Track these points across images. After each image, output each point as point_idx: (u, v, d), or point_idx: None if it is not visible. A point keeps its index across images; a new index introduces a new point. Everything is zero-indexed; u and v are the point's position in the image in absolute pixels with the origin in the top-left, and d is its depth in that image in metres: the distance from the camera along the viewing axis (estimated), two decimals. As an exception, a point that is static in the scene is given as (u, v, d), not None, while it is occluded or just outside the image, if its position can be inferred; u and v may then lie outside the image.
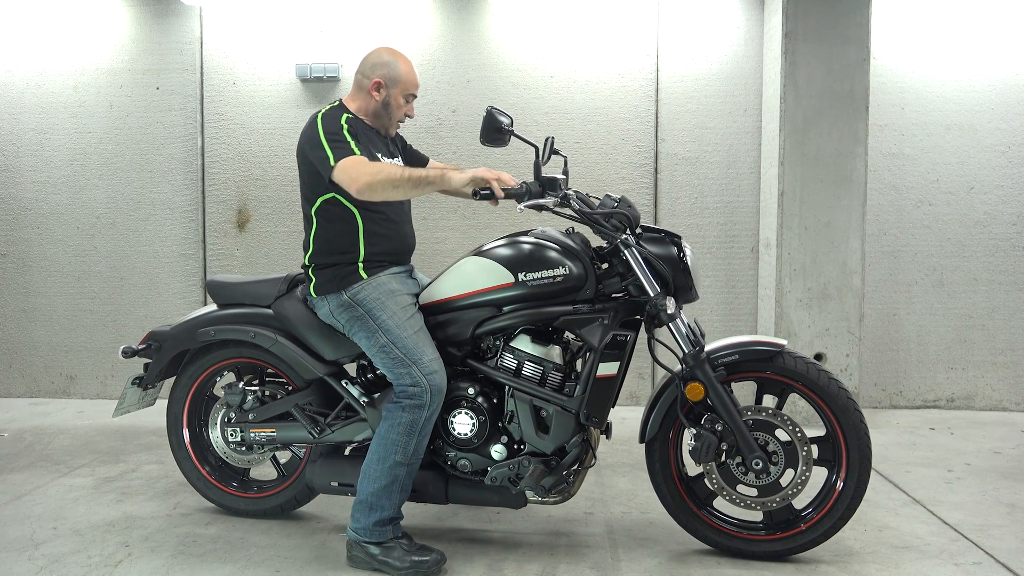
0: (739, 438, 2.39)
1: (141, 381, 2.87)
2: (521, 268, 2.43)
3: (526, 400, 2.43)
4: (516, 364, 2.46)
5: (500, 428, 2.50)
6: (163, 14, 4.67)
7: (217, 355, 2.81)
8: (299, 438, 2.71)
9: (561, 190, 2.44)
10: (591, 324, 2.41)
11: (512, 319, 2.46)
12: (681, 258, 2.43)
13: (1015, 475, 3.37)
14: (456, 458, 2.52)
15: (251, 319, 2.72)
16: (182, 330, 2.80)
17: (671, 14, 4.53)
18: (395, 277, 2.55)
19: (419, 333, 2.45)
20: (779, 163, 4.13)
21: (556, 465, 2.44)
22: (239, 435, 2.77)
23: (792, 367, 2.41)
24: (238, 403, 2.77)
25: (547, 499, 2.48)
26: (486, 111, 2.42)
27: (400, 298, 2.50)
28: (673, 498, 2.53)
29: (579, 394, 2.40)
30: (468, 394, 2.49)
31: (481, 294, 2.47)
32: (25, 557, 2.52)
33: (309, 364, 2.62)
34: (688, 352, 2.40)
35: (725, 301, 4.59)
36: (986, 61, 4.49)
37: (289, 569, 2.45)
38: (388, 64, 2.62)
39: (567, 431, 2.42)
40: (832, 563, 2.47)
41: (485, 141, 2.43)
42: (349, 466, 2.61)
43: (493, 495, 2.52)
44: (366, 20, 4.61)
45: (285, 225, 4.69)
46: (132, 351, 2.80)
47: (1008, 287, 4.55)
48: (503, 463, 2.47)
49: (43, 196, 4.79)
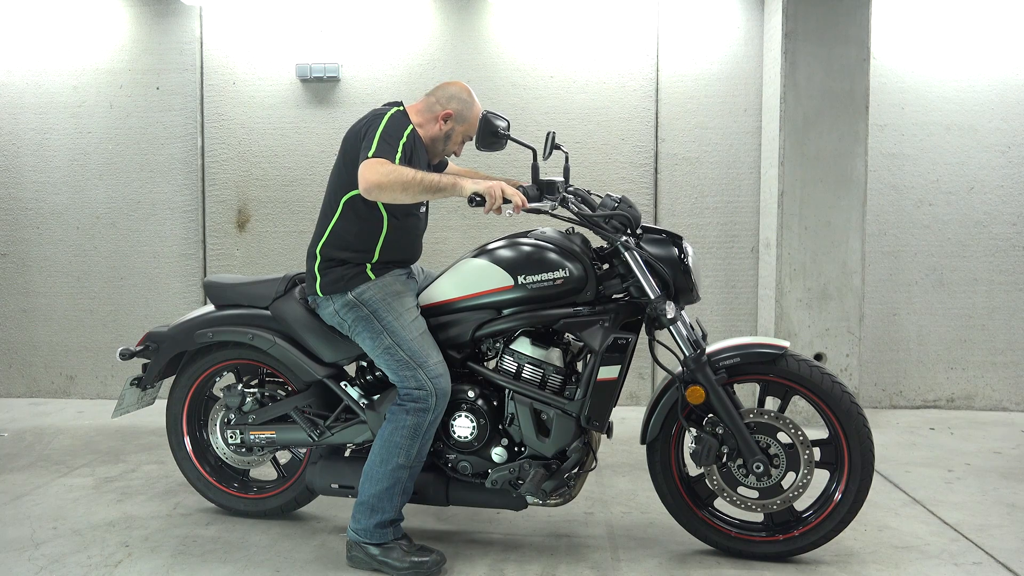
0: (740, 441, 2.38)
1: (139, 382, 2.87)
2: (521, 271, 2.42)
3: (526, 403, 2.42)
4: (516, 367, 2.45)
5: (500, 431, 2.49)
6: (163, 14, 4.67)
7: (216, 356, 2.81)
8: (299, 440, 2.70)
9: (559, 193, 2.43)
10: (592, 327, 2.40)
11: (512, 322, 2.46)
12: (682, 259, 2.42)
13: (1015, 475, 3.37)
14: (456, 460, 2.52)
15: (249, 320, 2.70)
16: (180, 331, 2.78)
17: (671, 14, 4.53)
18: (399, 279, 2.54)
19: (424, 336, 2.44)
20: (779, 163, 4.13)
21: (557, 469, 2.43)
22: (239, 437, 2.76)
23: (795, 370, 2.40)
24: (237, 405, 2.76)
25: (548, 502, 2.47)
26: (481, 116, 2.40)
27: (405, 299, 2.49)
28: (674, 498, 2.53)
29: (580, 397, 2.39)
30: (468, 397, 2.48)
31: (481, 296, 2.46)
32: (25, 557, 2.52)
33: (308, 366, 2.61)
34: (689, 355, 2.39)
35: (725, 301, 4.59)
36: (986, 61, 4.49)
37: (289, 569, 2.45)
38: (464, 103, 2.57)
39: (568, 434, 2.41)
40: (832, 563, 2.47)
41: (481, 146, 2.41)
42: (349, 468, 2.60)
43: (494, 497, 2.51)
44: (366, 20, 4.61)
45: (285, 225, 4.69)
46: (130, 353, 2.79)
47: (1008, 287, 4.55)
48: (504, 466, 2.46)
49: (43, 196, 4.79)
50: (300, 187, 4.65)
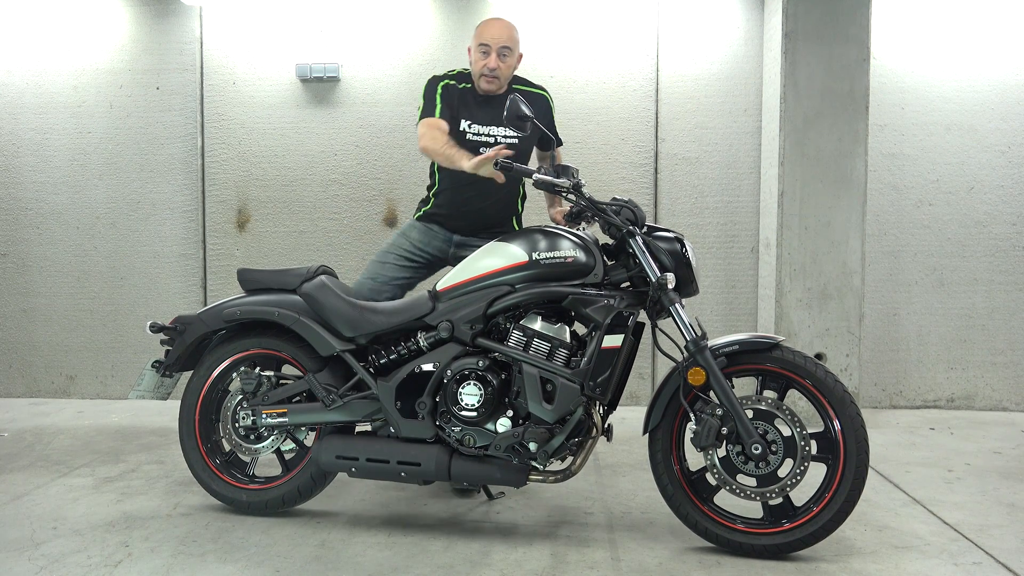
0: (738, 423, 2.44)
1: (160, 365, 2.93)
2: (535, 248, 2.57)
3: (533, 373, 2.51)
4: (525, 340, 2.55)
5: (507, 404, 2.58)
6: (163, 14, 4.67)
7: (237, 345, 2.88)
8: (310, 418, 2.77)
9: (574, 178, 2.59)
10: (598, 304, 2.51)
11: (523, 296, 2.57)
12: (683, 253, 2.54)
13: (1015, 475, 3.37)
14: (462, 433, 2.59)
15: (276, 303, 2.82)
16: (208, 314, 2.88)
17: (671, 14, 4.53)
18: (417, 227, 3.16)
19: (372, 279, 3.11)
20: (779, 163, 4.13)
21: (559, 431, 2.52)
22: (250, 418, 2.81)
23: (791, 360, 2.48)
24: (252, 389, 2.84)
25: (549, 472, 2.57)
26: (510, 98, 2.61)
27: (388, 254, 3.15)
28: (675, 489, 2.55)
29: (584, 366, 2.48)
30: (477, 366, 2.56)
31: (496, 274, 2.60)
32: (25, 557, 2.52)
33: (328, 339, 2.71)
34: (690, 339, 2.48)
35: (725, 301, 4.59)
36: (986, 61, 4.49)
37: (289, 569, 2.45)
38: (475, 28, 3.05)
39: (571, 401, 2.49)
40: (832, 562, 2.47)
41: (508, 125, 2.64)
42: (357, 442, 2.71)
43: (495, 471, 2.58)
44: (366, 20, 4.61)
45: (285, 225, 4.69)
46: (159, 326, 2.90)
47: (1008, 287, 4.55)
48: (508, 432, 2.54)
49: (43, 196, 4.79)
50: (300, 187, 4.65)
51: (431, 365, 2.64)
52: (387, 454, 2.66)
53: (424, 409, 2.62)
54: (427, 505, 2.98)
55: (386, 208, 4.66)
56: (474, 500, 3.03)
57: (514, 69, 3.07)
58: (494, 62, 2.94)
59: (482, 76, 2.98)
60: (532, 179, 2.58)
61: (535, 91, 3.15)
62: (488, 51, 2.94)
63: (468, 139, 3.02)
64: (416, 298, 2.75)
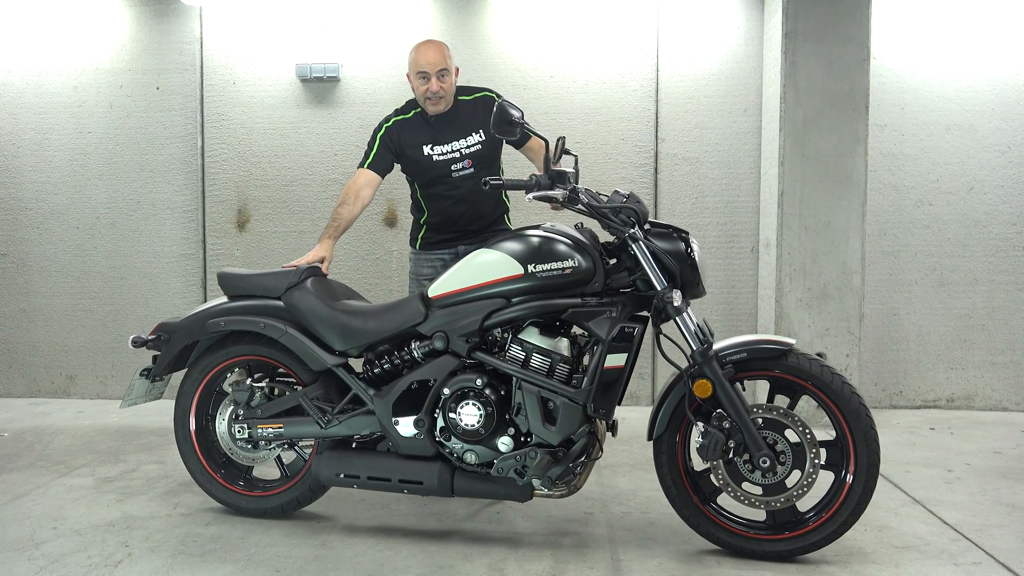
0: (747, 435, 2.38)
1: (149, 372, 2.88)
2: (531, 260, 2.45)
3: (533, 391, 2.43)
4: (524, 356, 2.47)
5: (507, 420, 2.50)
6: (163, 14, 4.67)
7: (228, 351, 2.81)
8: (306, 432, 2.71)
9: (570, 183, 2.47)
10: (599, 316, 2.42)
11: (521, 311, 2.47)
12: (688, 253, 2.44)
13: (1015, 475, 3.37)
14: (463, 450, 2.53)
15: (261, 310, 2.72)
16: (192, 321, 2.79)
17: (671, 14, 4.53)
18: (422, 258, 3.27)
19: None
20: (779, 163, 4.13)
21: (563, 456, 2.44)
22: (246, 431, 2.77)
23: (805, 368, 2.40)
24: (245, 400, 2.78)
25: (553, 491, 2.49)
26: (497, 104, 2.48)
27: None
28: (679, 493, 2.52)
29: (586, 386, 2.41)
30: (476, 385, 2.49)
31: (491, 286, 2.49)
32: (25, 557, 2.52)
33: (319, 354, 2.63)
34: (696, 349, 2.40)
35: (725, 301, 4.59)
36: (986, 61, 4.49)
37: (289, 569, 2.45)
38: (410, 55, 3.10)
39: (574, 423, 2.42)
40: (832, 563, 2.47)
41: (496, 132, 2.50)
42: (356, 458, 2.64)
43: (499, 487, 2.53)
44: (366, 20, 4.61)
45: (285, 225, 4.69)
46: (142, 341, 2.82)
47: (1008, 287, 4.55)
48: (510, 455, 2.47)
49: (43, 196, 4.79)
50: (300, 187, 4.65)
51: (428, 378, 2.55)
52: (388, 472, 2.60)
53: (423, 427, 2.55)
54: (426, 505, 2.98)
55: (386, 208, 4.66)
56: (474, 500, 3.03)
57: (455, 85, 3.13)
58: (435, 85, 3.02)
59: (427, 100, 3.06)
60: (527, 198, 2.44)
61: (479, 95, 3.18)
62: (427, 76, 3.02)
63: (435, 161, 3.11)
64: (407, 303, 2.65)
